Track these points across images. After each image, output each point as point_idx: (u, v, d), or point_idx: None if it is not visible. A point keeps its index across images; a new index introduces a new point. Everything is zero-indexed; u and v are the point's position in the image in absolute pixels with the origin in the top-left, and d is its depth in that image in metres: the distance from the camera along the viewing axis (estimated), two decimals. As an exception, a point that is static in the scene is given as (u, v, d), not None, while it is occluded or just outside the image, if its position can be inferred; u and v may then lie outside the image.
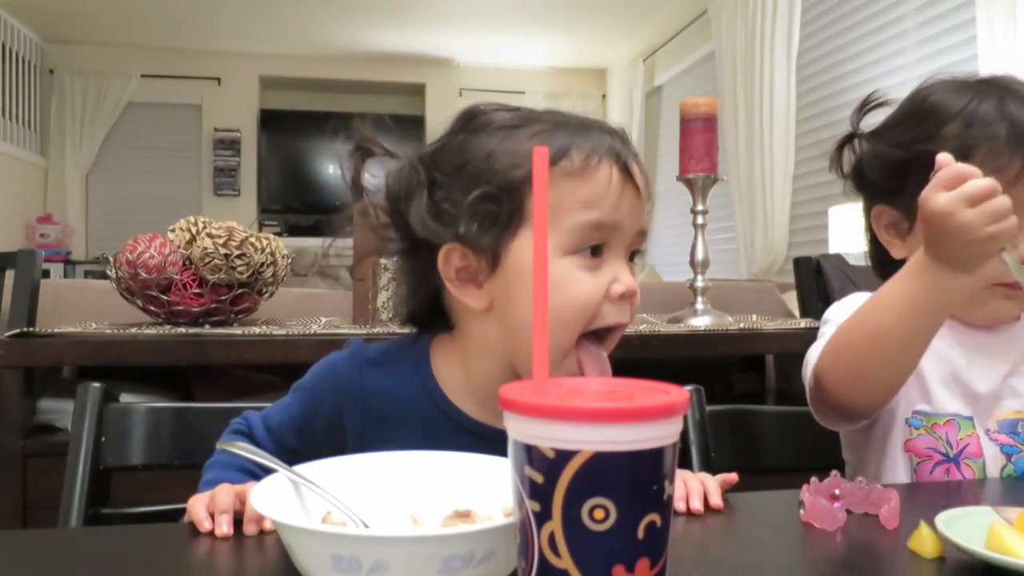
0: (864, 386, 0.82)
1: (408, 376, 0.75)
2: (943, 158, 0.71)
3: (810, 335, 1.63)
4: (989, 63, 2.53)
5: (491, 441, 0.67)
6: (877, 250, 0.98)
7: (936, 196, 0.70)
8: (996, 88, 0.86)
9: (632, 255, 0.73)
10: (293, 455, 0.69)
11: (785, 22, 3.92)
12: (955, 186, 0.69)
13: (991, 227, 0.68)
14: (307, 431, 0.75)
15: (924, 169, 0.86)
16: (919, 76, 3.21)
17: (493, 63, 6.78)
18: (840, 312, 0.91)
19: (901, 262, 0.95)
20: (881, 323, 0.77)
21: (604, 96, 7.05)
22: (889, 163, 0.90)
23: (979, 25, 2.62)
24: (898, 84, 3.15)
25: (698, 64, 5.31)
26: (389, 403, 0.73)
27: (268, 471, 0.59)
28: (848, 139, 0.96)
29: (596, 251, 0.69)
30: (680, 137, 1.74)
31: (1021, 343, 0.91)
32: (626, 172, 0.70)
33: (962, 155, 0.82)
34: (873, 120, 0.96)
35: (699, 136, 1.71)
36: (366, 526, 0.56)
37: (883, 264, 0.99)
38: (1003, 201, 0.68)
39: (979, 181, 0.69)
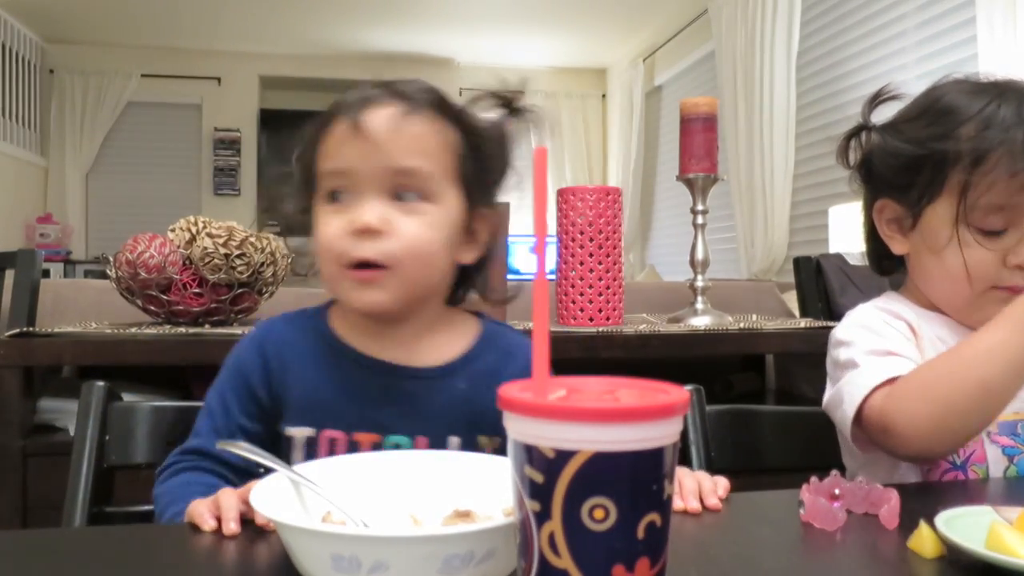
0: (956, 433, 0.79)
1: (306, 322, 0.84)
2: None
3: (810, 335, 1.65)
4: (989, 63, 2.53)
5: (371, 369, 0.80)
6: (875, 245, 0.97)
7: None
8: (1014, 93, 0.86)
9: (402, 195, 0.76)
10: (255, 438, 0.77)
11: (785, 22, 3.92)
12: None
13: None
14: (250, 408, 0.81)
15: (935, 167, 0.85)
16: (919, 75, 3.21)
17: (493, 63, 6.77)
18: (858, 335, 0.89)
19: (900, 258, 0.95)
20: (984, 375, 0.75)
21: (604, 96, 7.05)
22: (900, 158, 0.89)
23: (979, 24, 2.62)
24: (899, 84, 3.15)
25: (698, 64, 5.31)
26: (288, 347, 0.82)
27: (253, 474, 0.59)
28: (857, 131, 0.95)
29: (335, 196, 0.77)
30: (680, 137, 1.74)
31: None
32: (356, 123, 0.76)
33: (977, 157, 0.82)
34: (882, 115, 0.95)
35: (699, 136, 1.71)
36: (366, 526, 0.56)
37: (880, 260, 0.98)
38: None
39: None
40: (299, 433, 0.79)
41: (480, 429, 0.80)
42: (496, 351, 0.84)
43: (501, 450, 0.76)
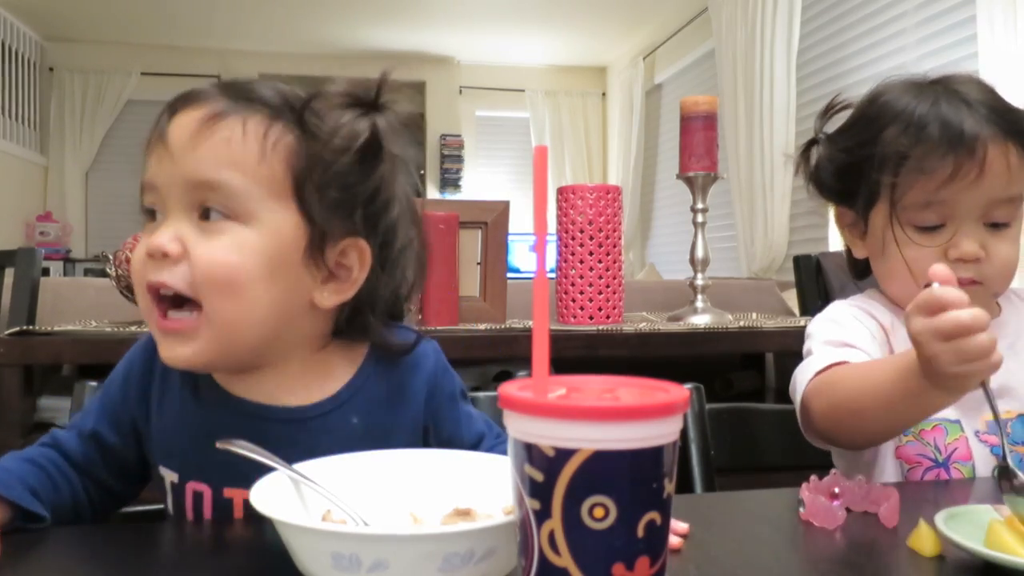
0: (864, 436, 0.82)
1: None
2: (935, 272, 0.65)
3: (810, 333, 1.64)
4: (989, 61, 2.53)
5: (237, 410, 0.69)
6: (849, 249, 0.99)
7: (912, 320, 0.66)
8: (937, 89, 0.87)
9: (208, 213, 0.64)
10: (110, 453, 0.72)
11: (785, 20, 3.92)
12: (933, 312, 0.63)
13: (962, 367, 0.63)
14: (122, 417, 0.73)
15: (867, 172, 0.87)
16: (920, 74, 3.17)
17: (493, 61, 6.77)
18: (822, 327, 0.91)
19: (866, 262, 0.96)
20: (862, 403, 0.77)
21: (604, 94, 7.04)
22: (838, 166, 0.91)
23: (979, 23, 2.62)
24: (847, 93, 3.15)
25: (698, 62, 5.30)
26: (149, 376, 0.73)
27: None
28: (811, 144, 0.97)
29: (151, 214, 0.67)
30: (680, 135, 1.74)
31: (1005, 340, 0.91)
32: (161, 130, 0.66)
33: (899, 158, 0.84)
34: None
35: (699, 134, 1.71)
36: (366, 524, 0.56)
37: (856, 264, 1.00)
38: (979, 342, 0.62)
39: (954, 316, 0.62)
40: (167, 475, 0.70)
41: None
42: (394, 367, 0.73)
43: None
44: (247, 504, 0.63)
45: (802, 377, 0.85)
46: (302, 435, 0.68)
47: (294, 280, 0.66)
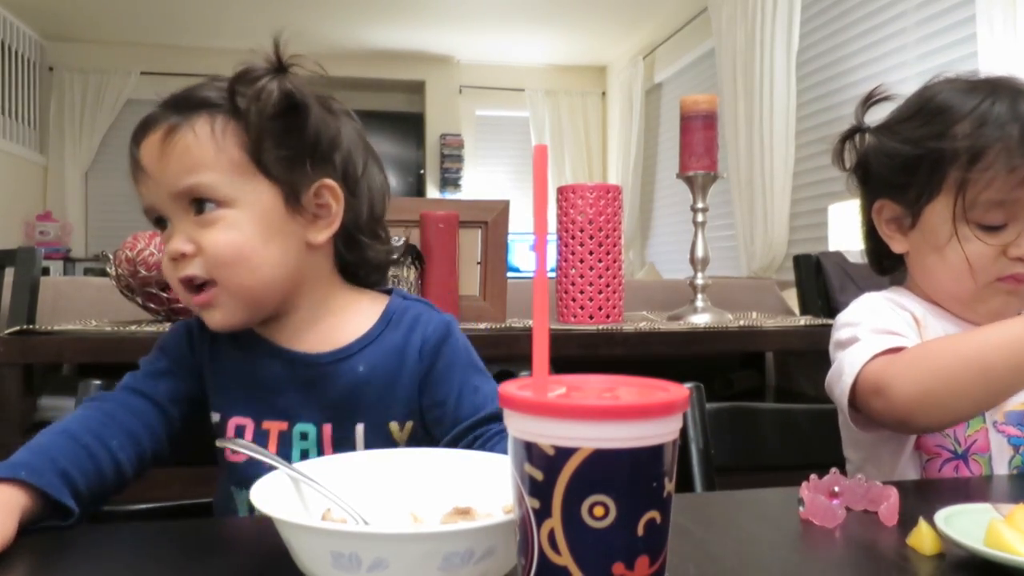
0: (955, 410, 0.80)
1: None
2: None
3: (810, 332, 1.65)
4: (989, 60, 2.53)
5: (272, 355, 0.80)
6: (875, 245, 0.98)
7: None
8: (1007, 89, 0.86)
9: (201, 207, 0.75)
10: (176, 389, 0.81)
11: (785, 19, 3.92)
12: None
13: None
14: (187, 362, 0.83)
15: (932, 166, 0.86)
16: (919, 73, 3.21)
17: (493, 60, 6.77)
18: (862, 317, 0.90)
19: (900, 257, 0.95)
20: (989, 362, 0.76)
21: (604, 94, 7.04)
22: (897, 159, 0.90)
23: (979, 22, 2.62)
24: (898, 81, 3.15)
25: (698, 61, 5.30)
26: (206, 332, 0.82)
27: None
28: (852, 132, 0.96)
29: (162, 223, 0.78)
30: (680, 134, 1.74)
31: None
32: (135, 161, 0.77)
33: (974, 154, 0.83)
34: (874, 116, 0.96)
35: (699, 133, 1.71)
36: (366, 523, 0.56)
37: (880, 259, 0.99)
38: None
39: None
40: (213, 417, 0.82)
41: (390, 415, 0.79)
42: (400, 327, 0.81)
43: (414, 436, 0.79)
44: (281, 434, 0.78)
45: (853, 360, 0.84)
46: (319, 379, 0.79)
47: (287, 234, 0.77)
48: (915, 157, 0.88)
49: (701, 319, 1.72)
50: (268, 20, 5.80)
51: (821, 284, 2.23)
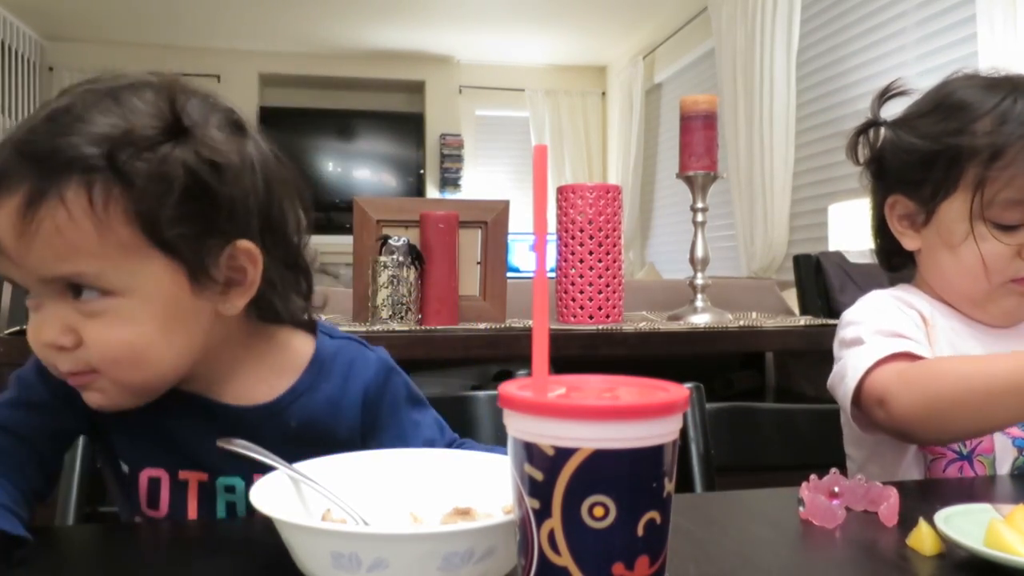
0: (955, 432, 0.81)
1: None
2: None
3: (810, 333, 1.65)
4: (989, 60, 2.53)
5: (187, 404, 0.69)
6: (885, 242, 0.97)
7: None
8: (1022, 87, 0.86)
9: (81, 291, 0.60)
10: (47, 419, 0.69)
11: (785, 19, 3.92)
12: None
13: None
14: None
15: (951, 162, 0.85)
16: (919, 73, 3.20)
17: (493, 60, 6.77)
18: (867, 316, 0.89)
19: (909, 255, 0.95)
20: (992, 389, 0.75)
21: (604, 93, 7.04)
22: (914, 153, 0.89)
23: (979, 22, 2.62)
24: (907, 79, 3.14)
25: (698, 61, 5.30)
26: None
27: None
28: (867, 126, 0.95)
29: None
30: (680, 134, 1.74)
31: None
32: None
33: (994, 152, 0.82)
34: (889, 111, 0.95)
35: (699, 133, 1.71)
36: (366, 523, 0.56)
37: (890, 256, 0.98)
38: None
39: None
40: (123, 467, 0.71)
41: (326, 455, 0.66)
42: (333, 375, 0.73)
43: None
44: (202, 485, 0.68)
45: (857, 363, 0.83)
46: (244, 431, 0.65)
47: (192, 316, 0.64)
48: (933, 153, 0.87)
49: (701, 319, 1.72)
50: (269, 20, 5.80)
51: (821, 284, 2.23)
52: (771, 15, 3.96)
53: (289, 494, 0.57)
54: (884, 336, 0.85)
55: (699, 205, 1.74)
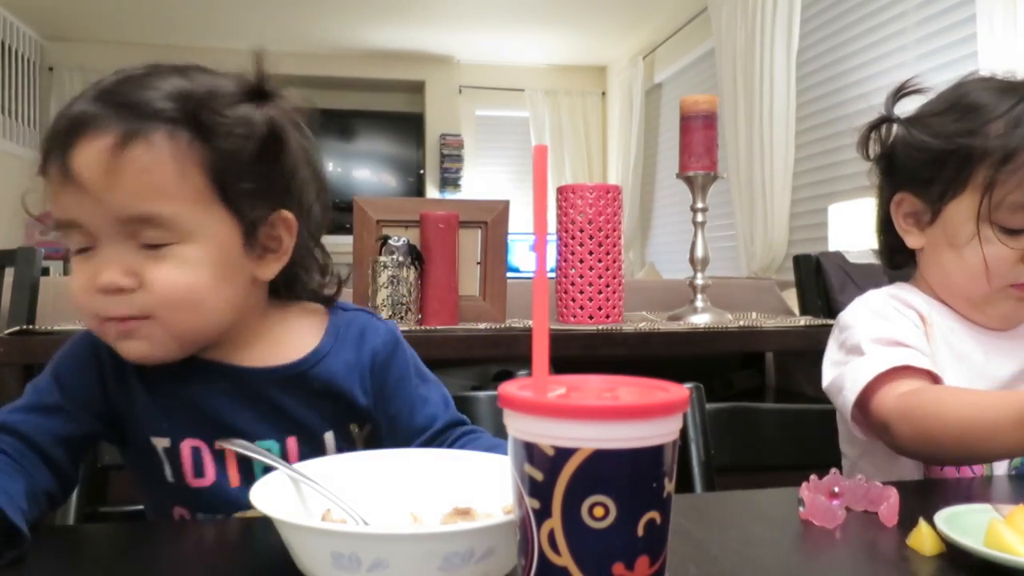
0: (955, 461, 0.83)
1: None
2: None
3: (810, 333, 1.65)
4: (989, 60, 2.53)
5: (217, 373, 0.72)
6: (889, 239, 0.97)
7: None
8: None
9: (157, 245, 0.64)
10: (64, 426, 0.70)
11: (785, 19, 3.92)
12: None
13: None
14: (85, 396, 0.72)
15: (961, 163, 0.86)
16: (919, 73, 3.20)
17: (493, 60, 6.77)
18: (865, 320, 0.89)
19: (912, 253, 0.95)
20: (972, 435, 0.75)
21: (604, 94, 7.04)
22: (926, 152, 0.89)
23: (979, 22, 2.62)
24: (898, 81, 3.14)
25: (698, 61, 5.30)
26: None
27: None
28: (880, 122, 0.95)
29: (83, 250, 0.66)
30: (680, 134, 1.74)
31: None
32: (64, 167, 0.63)
33: (1006, 155, 0.82)
34: (901, 109, 0.95)
35: (699, 133, 1.71)
36: (366, 523, 0.56)
37: (893, 253, 0.98)
38: None
39: None
40: (159, 443, 0.72)
41: (349, 418, 0.76)
42: (347, 342, 0.77)
43: (370, 438, 0.77)
44: (237, 455, 0.71)
45: (855, 377, 0.84)
46: (274, 393, 0.72)
47: (239, 273, 0.70)
48: (944, 152, 0.87)
49: (701, 319, 1.72)
50: (268, 20, 5.80)
51: (821, 284, 2.23)
52: (771, 15, 3.96)
53: (289, 494, 0.57)
54: (883, 345, 0.85)
55: (699, 205, 1.74)
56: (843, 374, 0.86)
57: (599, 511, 0.38)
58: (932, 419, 0.78)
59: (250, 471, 0.72)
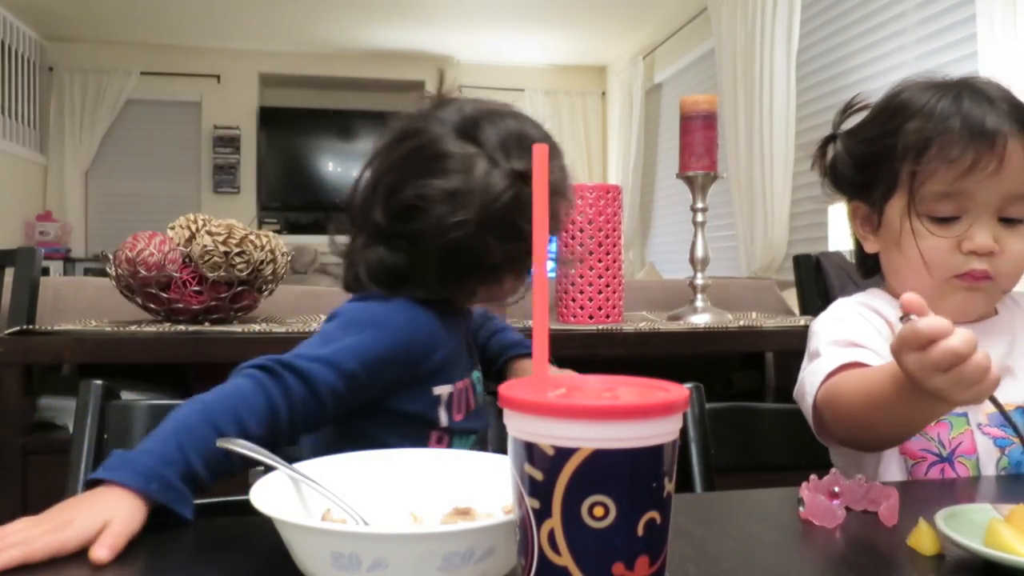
0: (863, 445, 0.85)
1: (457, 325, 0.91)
2: (909, 303, 0.63)
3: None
4: (989, 60, 2.53)
5: (458, 314, 0.91)
6: (858, 247, 1.00)
7: (905, 357, 0.63)
8: (958, 86, 0.89)
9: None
10: (358, 387, 0.78)
11: (785, 19, 3.92)
12: (922, 346, 0.61)
13: (967, 393, 0.62)
14: (384, 368, 0.80)
15: (887, 163, 0.89)
16: (919, 73, 3.18)
17: (493, 60, 6.77)
18: (826, 325, 0.92)
19: (875, 260, 0.97)
20: (869, 417, 0.76)
21: (604, 94, 7.04)
22: (857, 158, 0.93)
23: (979, 22, 2.62)
24: (868, 94, 3.14)
25: (698, 61, 5.30)
26: (444, 347, 0.85)
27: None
28: (829, 140, 0.98)
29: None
30: (680, 135, 1.74)
31: (1004, 336, 0.92)
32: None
33: (920, 148, 0.86)
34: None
35: (699, 133, 1.71)
36: (366, 523, 0.56)
37: (864, 260, 1.01)
38: (976, 364, 0.61)
39: (946, 346, 0.60)
40: (443, 391, 0.86)
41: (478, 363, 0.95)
42: None
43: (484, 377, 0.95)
44: (470, 387, 0.89)
45: (812, 380, 0.85)
46: (463, 327, 0.93)
47: None
48: (871, 155, 0.91)
49: (701, 319, 1.72)
50: (268, 20, 5.80)
51: (821, 284, 2.23)
52: (771, 15, 3.96)
53: (289, 494, 0.57)
54: (839, 346, 0.87)
55: (699, 205, 1.74)
56: (802, 379, 0.88)
57: (599, 511, 0.38)
58: (841, 401, 0.80)
59: (476, 399, 0.91)
